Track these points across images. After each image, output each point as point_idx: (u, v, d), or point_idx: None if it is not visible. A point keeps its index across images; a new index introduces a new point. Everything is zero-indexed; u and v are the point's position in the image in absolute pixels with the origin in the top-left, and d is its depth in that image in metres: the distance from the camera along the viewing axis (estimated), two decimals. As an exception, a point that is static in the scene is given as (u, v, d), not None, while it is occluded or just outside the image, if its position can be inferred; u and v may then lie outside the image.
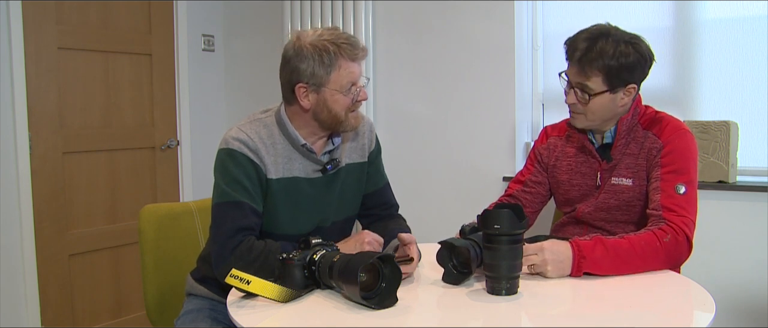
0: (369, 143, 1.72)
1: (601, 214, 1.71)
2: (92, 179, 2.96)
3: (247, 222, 1.49)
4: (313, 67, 1.50)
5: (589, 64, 1.58)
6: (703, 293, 1.32)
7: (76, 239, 2.90)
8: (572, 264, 1.41)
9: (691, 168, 1.60)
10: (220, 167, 1.54)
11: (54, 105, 2.79)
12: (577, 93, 1.63)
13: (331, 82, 1.51)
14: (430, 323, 1.25)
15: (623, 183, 1.66)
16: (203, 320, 1.60)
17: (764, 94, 2.35)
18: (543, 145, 1.87)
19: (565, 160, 1.79)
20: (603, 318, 1.20)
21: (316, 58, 1.49)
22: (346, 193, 1.67)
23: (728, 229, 2.33)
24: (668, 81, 2.52)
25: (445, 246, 1.41)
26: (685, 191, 1.55)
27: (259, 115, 1.61)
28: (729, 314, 2.34)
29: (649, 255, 1.46)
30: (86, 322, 2.95)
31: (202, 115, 3.39)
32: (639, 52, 1.60)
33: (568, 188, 1.78)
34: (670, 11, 2.50)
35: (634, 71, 1.60)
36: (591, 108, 1.63)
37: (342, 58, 1.50)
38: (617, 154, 1.68)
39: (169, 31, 3.26)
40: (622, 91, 1.62)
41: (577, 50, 1.60)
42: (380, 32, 3.04)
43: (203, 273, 1.69)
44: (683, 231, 1.50)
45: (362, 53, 1.55)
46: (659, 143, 1.63)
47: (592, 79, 1.60)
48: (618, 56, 1.57)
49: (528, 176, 1.86)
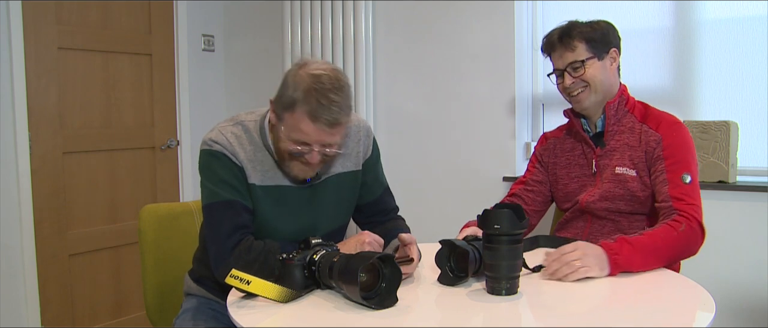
0: (365, 150, 1.66)
1: (606, 203, 1.73)
2: (92, 179, 2.96)
3: (241, 220, 1.48)
4: (283, 95, 1.41)
5: (569, 39, 1.73)
6: (703, 293, 1.32)
7: (76, 239, 2.90)
8: (609, 262, 1.43)
9: (690, 159, 1.67)
10: (205, 168, 1.51)
11: (54, 105, 2.79)
12: (570, 72, 1.74)
13: (285, 121, 1.42)
14: (430, 323, 1.25)
15: (628, 173, 1.71)
16: (202, 318, 1.60)
17: (764, 94, 2.35)
18: (543, 147, 1.94)
19: (563, 156, 1.87)
20: (603, 318, 1.20)
21: (290, 90, 1.39)
22: (338, 203, 1.63)
23: (728, 229, 2.33)
24: (668, 81, 2.51)
25: (445, 245, 1.41)
26: (691, 180, 1.62)
27: (244, 117, 1.56)
28: (729, 314, 2.34)
29: (671, 246, 1.51)
30: (86, 322, 2.95)
31: (202, 115, 3.39)
32: (605, 22, 1.78)
33: (567, 180, 1.84)
34: (670, 11, 2.50)
35: (609, 35, 1.76)
36: (589, 78, 1.72)
37: (303, 110, 1.37)
38: (610, 140, 1.76)
39: (169, 31, 3.26)
40: (607, 57, 1.74)
41: (553, 37, 1.76)
42: (380, 32, 3.04)
43: (199, 274, 1.68)
44: (695, 218, 1.56)
45: (334, 124, 1.39)
46: (657, 136, 1.69)
47: (577, 50, 1.72)
48: (591, 26, 1.75)
49: (529, 176, 1.92)
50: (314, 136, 1.40)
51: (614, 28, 1.80)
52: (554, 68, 1.79)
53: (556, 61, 1.78)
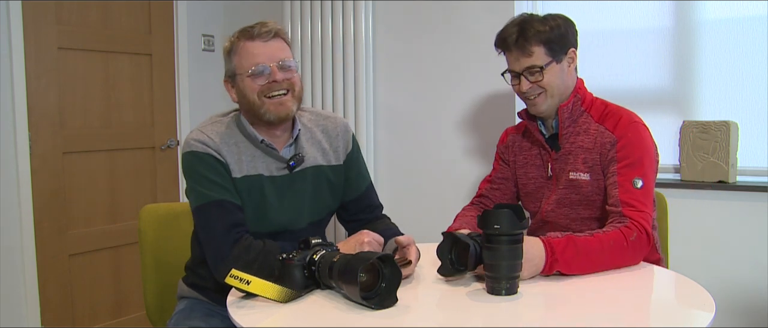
0: (345, 145, 1.69)
1: (564, 210, 1.72)
2: (92, 179, 2.97)
3: (234, 219, 1.48)
4: (226, 60, 1.58)
5: (526, 42, 1.64)
6: (703, 293, 1.32)
7: (76, 239, 2.90)
8: (545, 264, 1.41)
9: (645, 161, 1.62)
10: (189, 170, 1.52)
11: (54, 105, 2.79)
12: (527, 77, 1.67)
13: (237, 67, 1.54)
14: (430, 323, 1.25)
15: (581, 178, 1.68)
16: (196, 316, 1.60)
17: (764, 94, 2.35)
18: (504, 144, 1.92)
19: (522, 155, 1.85)
20: (603, 318, 1.20)
21: (226, 50, 1.57)
22: (318, 195, 1.63)
23: (728, 229, 2.33)
24: (668, 81, 2.51)
25: (448, 237, 1.41)
26: (642, 185, 1.57)
27: (219, 117, 1.62)
28: (729, 314, 2.34)
29: (617, 253, 1.48)
30: (86, 322, 2.95)
31: (202, 115, 3.39)
32: (563, 19, 1.69)
33: (525, 180, 1.83)
34: (670, 11, 2.50)
35: (568, 35, 1.68)
36: (546, 84, 1.66)
37: (241, 41, 1.53)
38: (565, 143, 1.71)
39: (169, 31, 3.26)
40: (565, 59, 1.68)
41: (509, 38, 1.67)
42: (380, 32, 3.04)
43: (192, 280, 1.69)
44: (643, 227, 1.52)
45: (264, 31, 1.52)
46: (613, 137, 1.64)
47: (535, 55, 1.65)
48: (547, 24, 1.65)
49: (495, 174, 1.92)
50: (262, 52, 1.51)
51: (572, 25, 1.72)
52: (509, 69, 1.73)
53: (511, 63, 1.71)
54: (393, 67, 3.03)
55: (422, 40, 2.94)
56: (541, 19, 1.68)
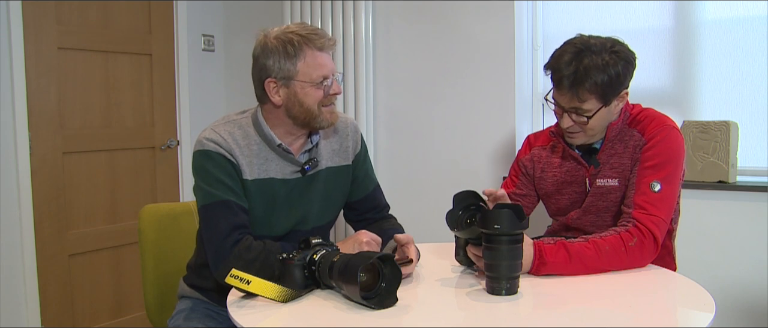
0: (354, 145, 1.68)
1: (590, 217, 1.68)
2: (92, 179, 2.96)
3: (238, 220, 1.48)
4: (279, 60, 1.48)
5: (581, 88, 1.52)
6: (703, 293, 1.32)
7: (76, 239, 2.90)
8: (532, 266, 1.41)
9: (671, 165, 1.55)
10: (199, 168, 1.52)
11: (54, 105, 2.79)
12: (572, 116, 1.59)
13: (300, 74, 1.48)
14: (430, 323, 1.25)
15: (609, 184, 1.63)
16: (196, 317, 1.60)
17: (764, 94, 2.35)
18: (527, 157, 1.83)
19: (551, 172, 1.76)
20: (603, 318, 1.20)
21: (282, 51, 1.47)
22: (328, 196, 1.63)
23: (728, 229, 2.33)
24: (668, 81, 2.52)
25: (470, 195, 1.38)
26: (661, 189, 1.52)
27: (234, 117, 1.59)
28: (729, 314, 2.34)
29: (612, 260, 1.45)
30: (86, 322, 2.95)
31: (202, 115, 3.39)
32: (624, 58, 1.55)
33: (557, 198, 1.75)
34: (670, 11, 2.50)
35: (625, 79, 1.57)
36: (591, 126, 1.59)
37: (308, 48, 1.48)
38: (604, 158, 1.65)
39: (169, 31, 3.26)
40: (616, 99, 1.59)
41: (563, 77, 1.54)
42: (380, 32, 3.04)
43: (192, 281, 1.69)
44: (651, 232, 1.47)
45: (330, 43, 1.51)
46: (642, 140, 1.60)
47: (587, 102, 1.54)
48: (606, 70, 1.51)
49: (513, 189, 1.82)
50: (328, 63, 1.51)
51: (633, 62, 1.58)
52: (554, 99, 1.62)
53: (558, 96, 1.60)
54: (393, 67, 3.03)
55: (422, 40, 2.94)
56: (599, 54, 1.53)
